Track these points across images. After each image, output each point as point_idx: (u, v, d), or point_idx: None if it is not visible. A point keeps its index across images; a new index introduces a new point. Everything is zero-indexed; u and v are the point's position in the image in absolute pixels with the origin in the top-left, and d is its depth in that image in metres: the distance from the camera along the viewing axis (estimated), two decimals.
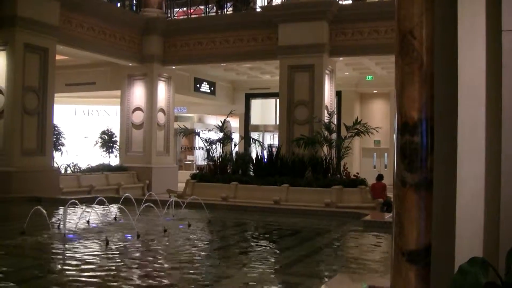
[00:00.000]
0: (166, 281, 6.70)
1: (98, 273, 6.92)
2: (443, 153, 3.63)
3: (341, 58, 21.31)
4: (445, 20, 3.68)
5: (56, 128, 20.34)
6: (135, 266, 7.52)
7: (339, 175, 16.81)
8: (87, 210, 11.68)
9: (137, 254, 8.32)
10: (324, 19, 19.65)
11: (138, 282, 6.57)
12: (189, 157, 34.33)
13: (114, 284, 6.48)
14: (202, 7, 25.21)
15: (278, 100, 22.74)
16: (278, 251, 9.13)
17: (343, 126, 18.83)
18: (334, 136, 18.44)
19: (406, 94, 3.63)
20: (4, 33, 16.95)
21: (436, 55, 3.64)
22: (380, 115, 28.01)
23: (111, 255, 8.13)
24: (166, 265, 7.58)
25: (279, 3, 21.70)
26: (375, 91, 28.49)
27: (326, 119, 18.91)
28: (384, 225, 10.85)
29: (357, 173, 17.90)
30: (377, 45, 19.32)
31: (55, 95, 18.71)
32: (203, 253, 8.75)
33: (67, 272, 6.96)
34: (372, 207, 14.58)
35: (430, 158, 3.56)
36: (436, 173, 3.59)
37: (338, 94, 24.60)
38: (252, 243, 9.90)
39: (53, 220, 11.26)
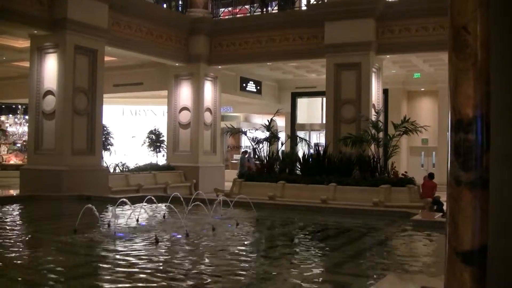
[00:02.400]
0: (214, 280, 6.72)
1: (147, 271, 6.99)
2: (502, 151, 3.53)
3: (388, 56, 21.07)
4: (500, 14, 3.58)
5: (105, 128, 20.64)
6: (184, 264, 7.56)
7: (387, 174, 16.64)
8: (136, 208, 11.85)
9: (186, 253, 8.37)
10: (370, 17, 19.46)
11: (187, 280, 6.61)
12: (236, 156, 34.44)
13: (164, 282, 6.53)
14: (247, 6, 25.25)
15: (324, 98, 22.63)
16: (326, 251, 9.07)
17: (390, 125, 18.64)
18: (381, 134, 18.24)
19: (460, 91, 3.55)
20: (55, 36, 17.31)
21: (493, 50, 3.54)
22: (427, 113, 27.62)
23: (160, 254, 8.21)
24: (214, 264, 7.61)
25: (325, 1, 21.55)
26: (422, 89, 28.10)
27: (373, 118, 18.73)
28: (434, 225, 10.69)
29: (405, 172, 17.67)
30: (425, 42, 19.05)
31: (104, 95, 19.01)
32: (251, 252, 8.76)
33: (117, 270, 7.05)
34: (421, 207, 14.36)
35: (485, 156, 3.47)
36: (494, 171, 3.50)
37: (385, 92, 24.37)
38: (300, 242, 9.86)
39: (103, 218, 11.45)
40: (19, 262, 7.77)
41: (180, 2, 26.03)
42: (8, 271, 7.10)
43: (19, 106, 32.90)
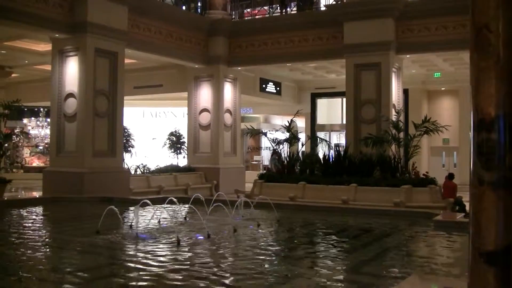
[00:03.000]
0: (237, 280, 6.73)
1: (169, 272, 7.03)
2: None
3: (408, 56, 20.99)
4: None
5: (125, 130, 20.77)
6: (206, 265, 7.59)
7: (407, 174, 16.55)
8: (158, 210, 11.91)
9: (208, 254, 8.40)
10: (390, 16, 19.40)
11: (209, 281, 6.63)
12: (256, 158, 34.48)
13: (186, 283, 6.56)
14: (266, 7, 25.27)
15: (344, 99, 22.58)
16: (347, 251, 9.05)
17: (411, 125, 18.54)
18: (402, 134, 18.14)
19: (482, 90, 3.53)
20: (76, 38, 17.47)
21: None
22: (448, 113, 27.45)
23: (182, 255, 8.24)
24: (236, 265, 7.62)
25: (344, 1, 21.51)
26: (443, 88, 27.95)
27: (393, 118, 18.65)
28: (456, 225, 10.62)
29: (427, 172, 17.57)
30: (445, 41, 18.94)
31: (124, 97, 19.13)
32: (273, 253, 8.76)
33: (139, 271, 7.09)
34: (442, 207, 14.27)
35: (509, 156, 3.44)
36: None
37: (405, 92, 24.26)
38: (321, 243, 9.85)
39: (125, 220, 11.52)
40: (43, 263, 7.85)
41: (199, 4, 26.14)
42: (33, 272, 7.18)
43: (41, 109, 33.22)
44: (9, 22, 16.47)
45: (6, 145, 19.78)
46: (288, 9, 24.78)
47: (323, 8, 24.13)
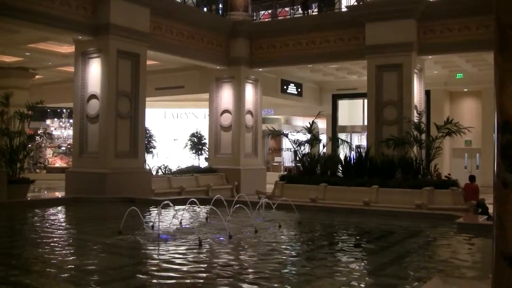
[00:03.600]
0: (258, 281, 6.74)
1: (191, 273, 7.06)
2: None
3: (430, 56, 20.85)
4: None
5: (147, 131, 20.87)
6: (228, 266, 7.61)
7: (429, 176, 16.44)
8: (179, 211, 11.97)
9: (229, 255, 8.42)
10: (411, 17, 19.31)
11: (230, 282, 6.65)
12: (277, 159, 34.46)
13: (207, 284, 6.58)
14: (287, 8, 25.27)
15: (365, 100, 22.50)
16: (369, 253, 9.02)
17: (432, 126, 18.44)
18: (424, 136, 18.04)
19: (506, 92, 3.50)
20: (99, 40, 17.61)
21: None
22: (471, 114, 27.22)
23: (203, 255, 8.27)
24: (258, 266, 7.62)
25: (366, 2, 21.44)
26: (465, 90, 27.73)
27: (415, 119, 18.54)
28: (479, 228, 10.52)
29: (449, 174, 17.45)
30: (467, 42, 18.82)
31: (146, 99, 19.22)
32: (294, 254, 8.75)
33: (160, 271, 7.13)
34: (464, 209, 14.15)
35: None
36: None
37: (427, 93, 24.07)
38: (343, 245, 9.82)
39: (147, 220, 11.58)
40: (66, 262, 7.92)
41: (220, 6, 26.20)
42: (55, 271, 7.25)
43: (64, 110, 33.56)
44: (34, 25, 16.67)
45: (29, 145, 20.01)
46: (309, 10, 24.75)
47: (344, 9, 24.08)
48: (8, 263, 7.71)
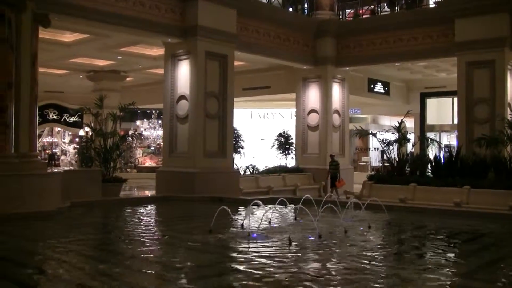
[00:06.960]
0: (349, 283, 6.66)
1: (281, 272, 7.06)
2: None
3: None
4: None
5: (235, 131, 21.08)
6: (318, 266, 7.57)
7: None
8: (269, 210, 12.01)
9: (319, 255, 8.35)
10: (504, 11, 18.64)
11: (320, 283, 6.60)
12: (364, 158, 34.06)
13: (297, 284, 6.55)
14: (373, 6, 24.91)
15: (455, 98, 21.90)
16: (461, 256, 8.75)
17: None
18: None
19: None
20: (187, 42, 17.96)
21: None
22: None
23: (294, 255, 8.25)
24: (348, 267, 7.52)
25: None
26: None
27: (509, 117, 17.85)
28: None
29: None
30: None
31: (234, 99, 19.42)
32: (383, 256, 8.58)
33: (250, 269, 7.14)
34: None
35: None
36: None
37: None
38: (433, 247, 9.54)
39: (237, 219, 11.68)
40: (156, 259, 8.09)
41: (306, 5, 26.14)
42: (146, 268, 7.41)
43: (153, 111, 34.36)
44: (125, 29, 17.18)
45: (121, 145, 20.62)
46: (396, 7, 24.31)
47: (432, 5, 23.49)
48: (110, 260, 7.99)
